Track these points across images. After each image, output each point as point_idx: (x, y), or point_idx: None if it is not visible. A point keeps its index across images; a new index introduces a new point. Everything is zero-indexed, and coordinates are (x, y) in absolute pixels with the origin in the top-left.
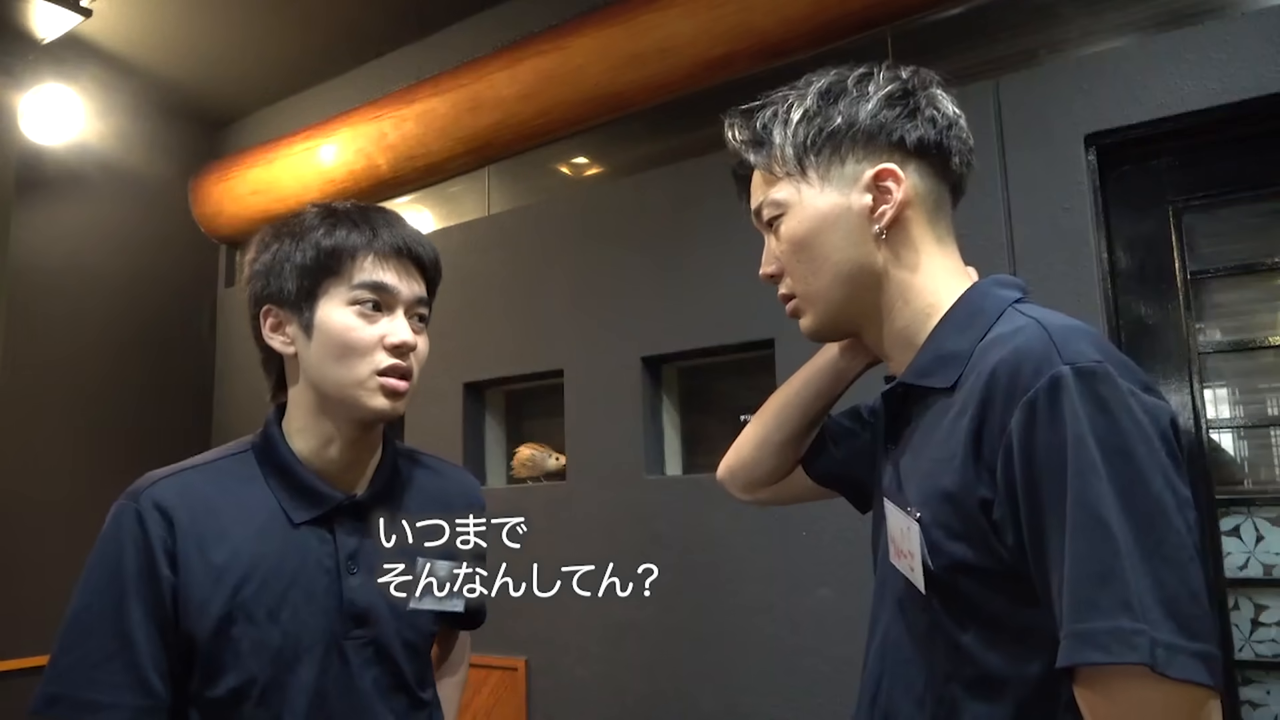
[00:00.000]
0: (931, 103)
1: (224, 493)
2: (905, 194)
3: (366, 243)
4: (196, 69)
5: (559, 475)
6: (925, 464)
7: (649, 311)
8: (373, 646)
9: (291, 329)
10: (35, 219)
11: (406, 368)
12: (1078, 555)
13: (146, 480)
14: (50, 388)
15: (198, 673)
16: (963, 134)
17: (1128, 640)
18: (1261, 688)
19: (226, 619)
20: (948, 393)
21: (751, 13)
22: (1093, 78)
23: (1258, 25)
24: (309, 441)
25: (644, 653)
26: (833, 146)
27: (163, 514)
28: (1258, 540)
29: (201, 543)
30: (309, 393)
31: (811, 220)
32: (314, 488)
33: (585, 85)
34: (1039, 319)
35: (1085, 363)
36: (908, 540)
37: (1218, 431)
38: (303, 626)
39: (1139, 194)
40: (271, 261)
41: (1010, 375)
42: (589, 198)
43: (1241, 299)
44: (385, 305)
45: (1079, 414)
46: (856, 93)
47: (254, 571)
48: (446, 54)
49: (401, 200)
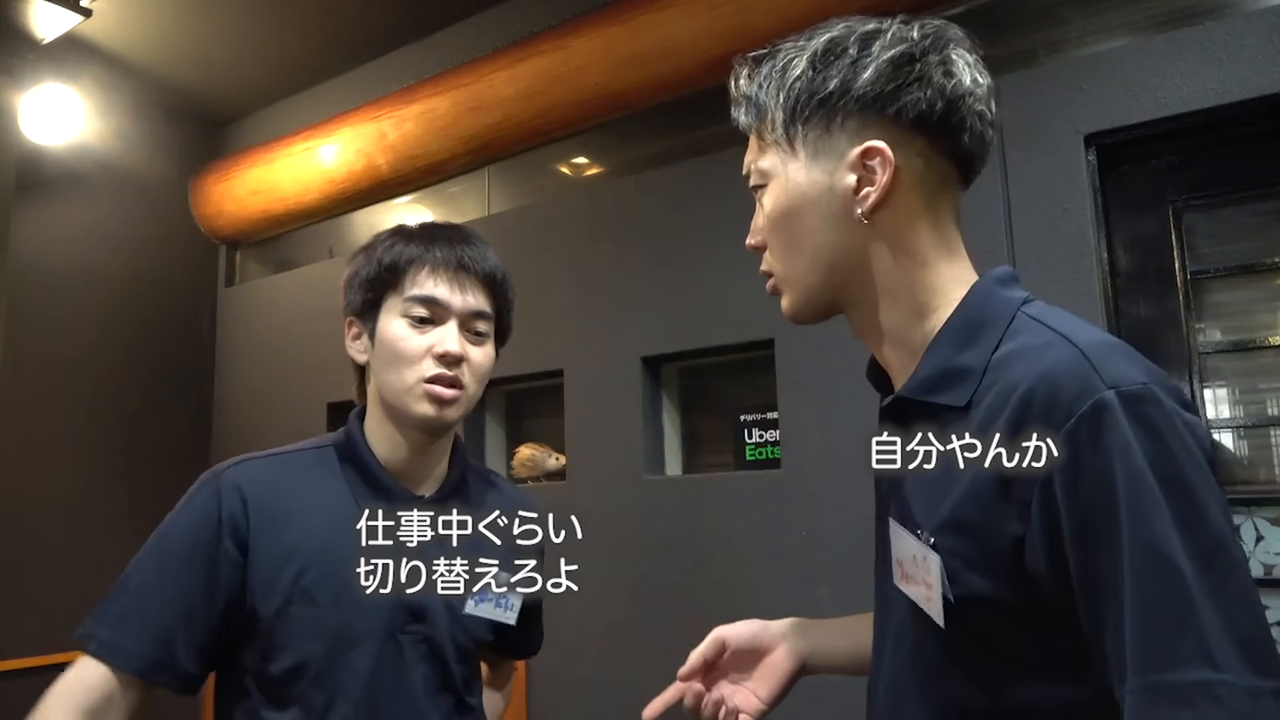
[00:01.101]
0: (945, 68)
1: (301, 481)
2: (895, 176)
3: (419, 256)
4: (196, 69)
5: (559, 475)
6: (936, 488)
7: (649, 311)
8: (426, 644)
9: (363, 339)
10: (35, 219)
11: (452, 376)
12: (1146, 599)
13: (231, 461)
14: (50, 387)
15: (259, 648)
16: (979, 105)
17: (1213, 694)
18: None
19: (290, 599)
20: (961, 411)
21: (751, 13)
22: (1093, 78)
23: (1258, 25)
24: (381, 443)
25: (644, 653)
26: (823, 116)
27: (239, 494)
28: (1258, 540)
29: (275, 524)
30: (378, 399)
31: (791, 197)
32: (386, 484)
33: (585, 85)
34: (1065, 334)
35: (1130, 386)
36: (922, 570)
37: (1218, 431)
38: (362, 615)
39: (1139, 194)
40: (352, 276)
41: (1045, 403)
42: (589, 198)
43: (1241, 299)
44: (437, 317)
45: (1130, 444)
46: (856, 53)
47: (321, 557)
48: (446, 54)
49: (401, 200)
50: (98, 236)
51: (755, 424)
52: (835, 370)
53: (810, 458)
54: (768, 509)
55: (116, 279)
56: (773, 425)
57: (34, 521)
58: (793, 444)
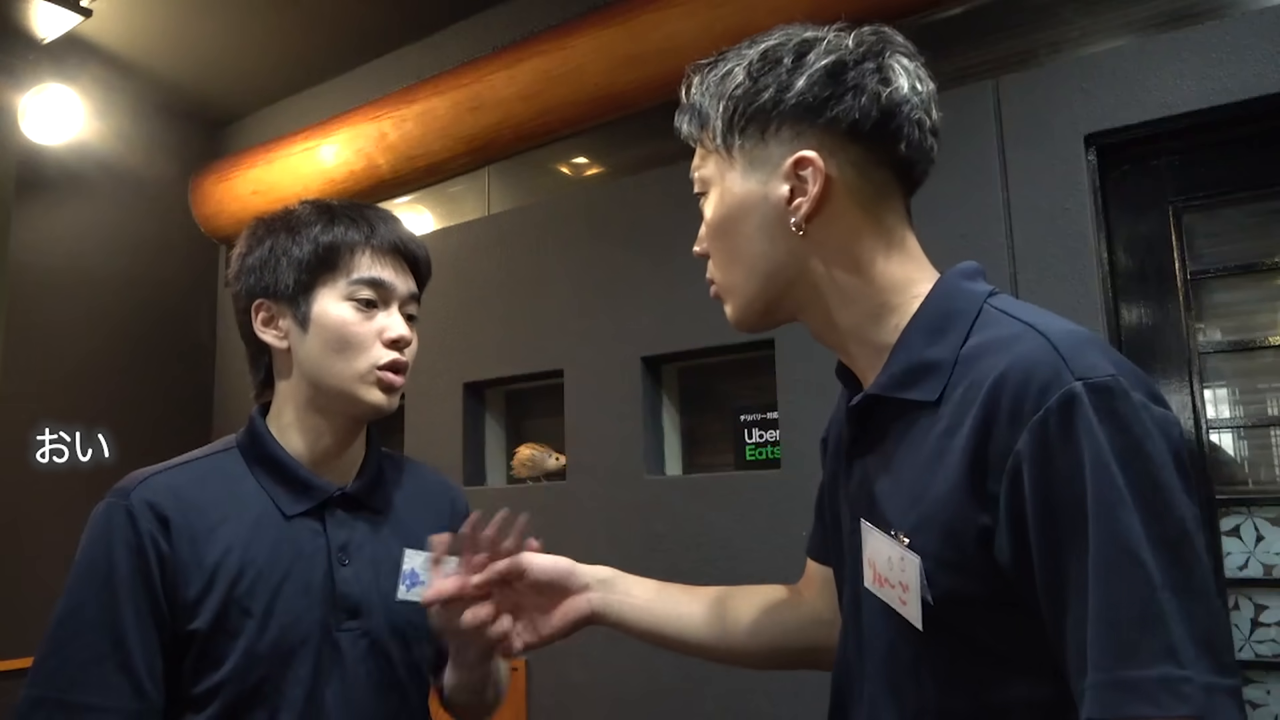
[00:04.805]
0: (881, 75)
1: (213, 489)
2: (828, 185)
3: (365, 239)
4: (196, 69)
5: (559, 475)
6: (909, 486)
7: (649, 311)
8: (366, 639)
9: (285, 323)
10: (35, 219)
11: (405, 362)
12: (1111, 594)
13: (133, 479)
14: (49, 387)
15: (195, 670)
16: (917, 111)
17: (1177, 691)
18: (1262, 688)
19: (224, 614)
20: (931, 407)
21: (752, 13)
22: (1093, 78)
23: (1258, 25)
24: (300, 436)
25: (644, 653)
26: (758, 125)
27: (155, 512)
28: (1258, 540)
29: (195, 539)
30: (302, 387)
31: (728, 206)
32: (306, 480)
33: (585, 85)
34: (1034, 324)
35: (1099, 377)
36: (898, 571)
37: (1218, 431)
38: (298, 619)
39: (1139, 194)
40: (267, 256)
41: (1015, 393)
42: (589, 198)
43: (1241, 299)
44: (382, 300)
45: (1097, 436)
46: (791, 62)
47: (249, 566)
48: (446, 54)
49: (401, 200)
50: (98, 236)
51: (755, 424)
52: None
53: (810, 458)
54: (768, 509)
55: (116, 279)
56: (773, 425)
57: (34, 521)
58: (793, 444)
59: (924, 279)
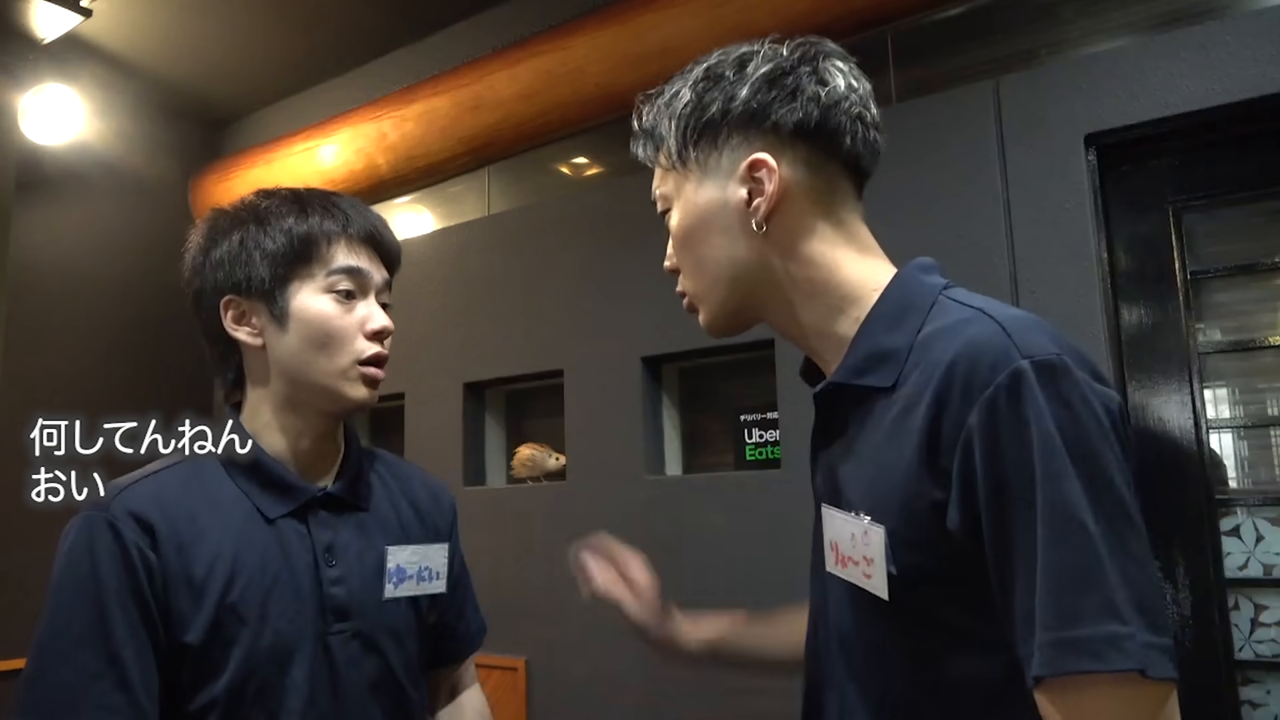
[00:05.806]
0: (818, 77)
1: (195, 495)
2: (782, 184)
3: (341, 229)
4: (196, 69)
5: (559, 475)
6: (870, 468)
7: (649, 311)
8: (358, 640)
9: (259, 319)
10: (35, 219)
11: (386, 355)
12: (1057, 559)
13: (113, 488)
14: (49, 387)
15: (193, 682)
16: (856, 108)
17: (1120, 646)
18: (1261, 688)
19: (219, 622)
20: (887, 392)
21: (752, 13)
22: (1093, 78)
23: (1258, 25)
24: (277, 436)
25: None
26: (710, 136)
27: (139, 521)
28: (1258, 540)
29: (182, 548)
30: (280, 385)
31: (691, 216)
32: (287, 481)
33: (585, 85)
34: (983, 309)
35: (1044, 355)
36: (861, 547)
37: (1218, 431)
38: (292, 623)
39: (1139, 194)
40: (237, 250)
41: (966, 372)
42: (589, 198)
43: (1241, 299)
44: (360, 290)
45: (1044, 411)
46: (733, 76)
47: (239, 572)
48: (446, 54)
49: (401, 200)
50: (98, 236)
51: (755, 424)
52: None
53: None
54: (768, 509)
55: (117, 279)
56: (773, 425)
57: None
58: (793, 444)
59: (882, 273)
